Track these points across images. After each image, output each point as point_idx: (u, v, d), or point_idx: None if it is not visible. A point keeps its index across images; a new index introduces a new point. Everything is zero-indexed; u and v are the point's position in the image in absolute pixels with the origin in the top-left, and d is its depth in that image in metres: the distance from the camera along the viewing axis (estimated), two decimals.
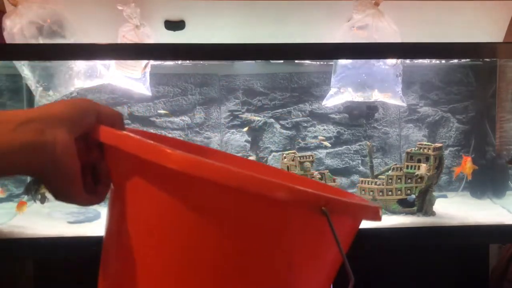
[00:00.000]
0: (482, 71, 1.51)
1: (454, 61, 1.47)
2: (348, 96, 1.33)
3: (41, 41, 1.20)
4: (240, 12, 1.34)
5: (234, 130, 1.51)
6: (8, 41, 1.20)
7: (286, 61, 1.45)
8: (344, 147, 1.54)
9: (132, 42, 1.26)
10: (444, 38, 1.20)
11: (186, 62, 1.42)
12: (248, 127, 1.50)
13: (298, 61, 1.44)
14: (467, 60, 1.47)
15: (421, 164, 1.25)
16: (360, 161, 1.54)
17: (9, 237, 1.13)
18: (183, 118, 1.49)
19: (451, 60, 1.45)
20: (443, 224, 1.21)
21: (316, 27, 1.35)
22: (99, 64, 1.29)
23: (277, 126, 1.52)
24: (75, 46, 1.19)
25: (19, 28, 1.19)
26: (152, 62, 1.30)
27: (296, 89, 1.52)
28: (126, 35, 1.26)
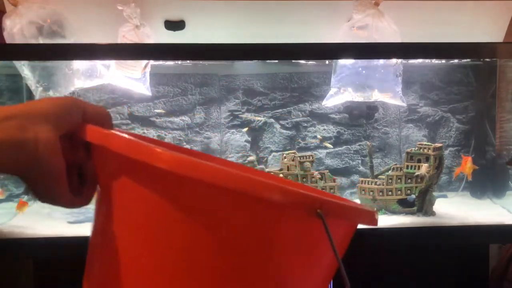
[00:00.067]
0: (482, 71, 1.51)
1: (454, 61, 1.47)
2: (348, 96, 1.33)
3: (41, 41, 1.20)
4: (240, 12, 1.34)
5: (234, 130, 1.51)
6: (8, 41, 1.20)
7: (286, 61, 1.45)
8: (344, 147, 1.54)
9: (132, 42, 1.26)
10: (444, 38, 1.20)
11: (186, 62, 1.42)
12: (248, 127, 1.50)
13: (298, 61, 1.44)
14: (467, 60, 1.47)
15: (422, 164, 1.25)
16: (360, 161, 1.54)
17: (9, 237, 1.13)
18: (183, 118, 1.49)
19: (451, 60, 1.45)
20: (443, 224, 1.21)
21: (316, 27, 1.35)
22: (99, 64, 1.29)
23: (277, 126, 1.52)
24: (75, 46, 1.19)
25: (19, 28, 1.19)
26: (152, 62, 1.30)
27: (296, 89, 1.52)
28: (126, 35, 1.26)
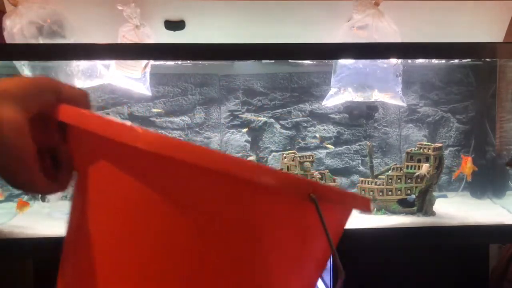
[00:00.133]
0: (482, 71, 1.51)
1: (454, 61, 1.47)
2: (348, 96, 1.33)
3: (41, 41, 1.20)
4: (240, 12, 1.34)
5: (234, 130, 1.51)
6: (8, 41, 1.20)
7: (286, 61, 1.45)
8: (344, 147, 1.54)
9: (132, 42, 1.26)
10: (444, 38, 1.20)
11: (186, 62, 1.42)
12: (248, 127, 1.50)
13: (298, 61, 1.44)
14: (467, 60, 1.47)
15: (422, 164, 1.25)
16: (360, 161, 1.54)
17: (9, 237, 1.12)
18: (183, 118, 1.49)
19: (451, 60, 1.45)
20: (443, 224, 1.21)
21: (316, 27, 1.35)
22: (99, 64, 1.29)
23: (277, 126, 1.52)
24: (75, 46, 1.19)
25: (19, 28, 1.19)
26: (152, 62, 1.30)
27: (296, 89, 1.52)
28: (126, 35, 1.26)
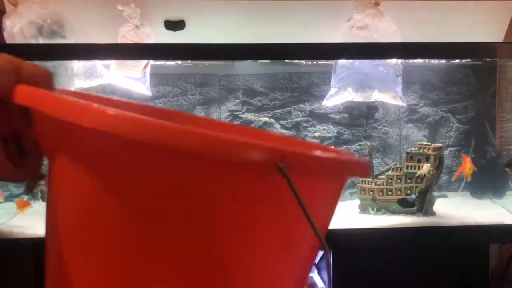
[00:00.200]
0: (482, 71, 1.51)
1: (454, 61, 1.47)
2: (348, 96, 1.33)
3: (41, 41, 1.20)
4: (240, 12, 1.34)
5: None
6: (8, 41, 1.20)
7: (286, 61, 1.45)
8: (344, 147, 1.54)
9: (132, 42, 1.26)
10: (444, 38, 1.20)
11: (186, 62, 1.42)
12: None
13: (298, 61, 1.44)
14: (467, 60, 1.47)
15: (423, 164, 1.25)
16: None
17: (9, 237, 1.13)
18: None
19: (451, 60, 1.45)
20: (443, 224, 1.21)
21: (316, 27, 1.35)
22: (99, 64, 1.29)
23: (277, 126, 1.52)
24: (75, 46, 1.19)
25: (19, 28, 1.19)
26: (152, 62, 1.30)
27: (296, 89, 1.52)
28: (126, 35, 1.26)
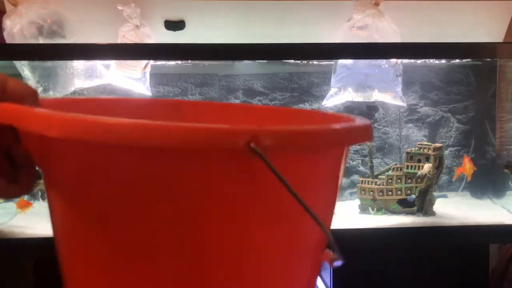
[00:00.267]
0: (482, 71, 1.51)
1: (454, 61, 1.47)
2: (348, 96, 1.33)
3: (41, 41, 1.20)
4: (240, 12, 1.34)
5: None
6: (8, 41, 1.20)
7: (286, 61, 1.45)
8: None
9: (132, 42, 1.26)
10: (444, 38, 1.20)
11: (186, 62, 1.42)
12: None
13: (298, 61, 1.44)
14: (467, 60, 1.47)
15: (423, 164, 1.25)
16: (360, 161, 1.54)
17: (9, 237, 1.13)
18: None
19: (451, 60, 1.45)
20: (443, 224, 1.21)
21: (316, 27, 1.35)
22: (99, 64, 1.29)
23: None
24: (75, 46, 1.19)
25: (19, 28, 1.19)
26: (152, 62, 1.30)
27: (296, 89, 1.52)
28: (126, 35, 1.26)
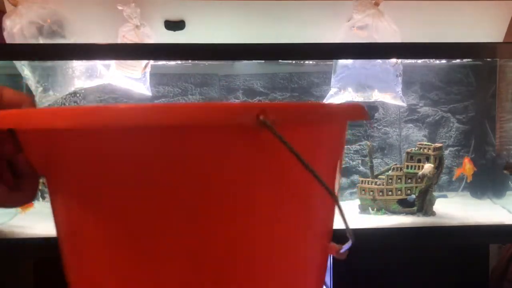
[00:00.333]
0: (482, 71, 1.51)
1: (454, 61, 1.47)
2: (348, 96, 1.32)
3: (41, 41, 1.20)
4: (240, 12, 1.34)
5: None
6: (8, 41, 1.20)
7: (286, 61, 1.45)
8: (344, 147, 1.54)
9: (132, 42, 1.26)
10: (444, 38, 1.20)
11: (186, 62, 1.42)
12: None
13: (298, 61, 1.44)
14: (467, 60, 1.47)
15: (425, 164, 1.25)
16: (360, 161, 1.54)
17: (9, 237, 1.12)
18: None
19: (451, 60, 1.45)
20: (443, 224, 1.21)
21: (316, 27, 1.35)
22: (99, 64, 1.29)
23: None
24: (75, 46, 1.19)
25: (19, 28, 1.19)
26: (152, 62, 1.30)
27: (296, 89, 1.52)
28: (126, 35, 1.26)
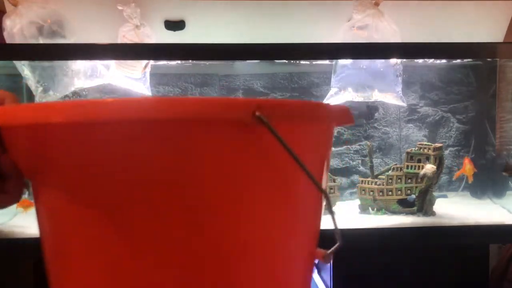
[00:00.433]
0: (482, 71, 1.51)
1: (454, 61, 1.47)
2: (348, 96, 1.33)
3: (41, 41, 1.20)
4: (241, 12, 1.34)
5: None
6: (8, 41, 1.20)
7: (286, 61, 1.45)
8: (344, 147, 1.54)
9: (132, 42, 1.26)
10: (444, 38, 1.20)
11: (186, 62, 1.42)
12: None
13: (298, 61, 1.44)
14: (467, 60, 1.47)
15: (426, 164, 1.25)
16: (360, 161, 1.54)
17: (10, 237, 1.12)
18: None
19: (451, 60, 1.45)
20: (443, 224, 1.21)
21: (316, 27, 1.35)
22: (99, 64, 1.29)
23: None
24: (75, 46, 1.19)
25: (19, 28, 1.19)
26: (152, 62, 1.30)
27: (296, 89, 1.52)
28: (126, 35, 1.26)
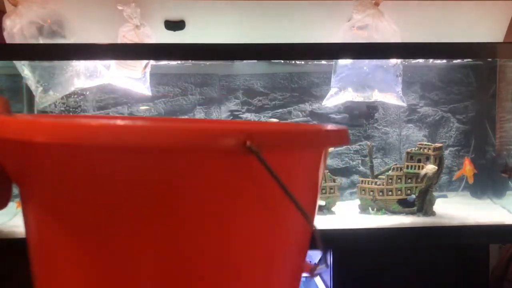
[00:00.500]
0: (482, 71, 1.51)
1: (454, 61, 1.47)
2: (348, 96, 1.33)
3: (41, 41, 1.20)
4: (240, 12, 1.34)
5: None
6: (8, 41, 1.20)
7: (286, 61, 1.45)
8: (344, 147, 1.54)
9: (132, 42, 1.26)
10: (444, 38, 1.20)
11: (186, 62, 1.42)
12: None
13: (298, 61, 1.44)
14: (467, 60, 1.47)
15: (427, 164, 1.25)
16: (360, 161, 1.54)
17: (9, 237, 1.13)
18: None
19: (451, 60, 1.45)
20: (443, 224, 1.21)
21: (316, 27, 1.35)
22: (99, 64, 1.29)
23: None
24: (75, 46, 1.19)
25: (19, 28, 1.19)
26: (152, 62, 1.30)
27: (296, 89, 1.52)
28: (126, 35, 1.26)
